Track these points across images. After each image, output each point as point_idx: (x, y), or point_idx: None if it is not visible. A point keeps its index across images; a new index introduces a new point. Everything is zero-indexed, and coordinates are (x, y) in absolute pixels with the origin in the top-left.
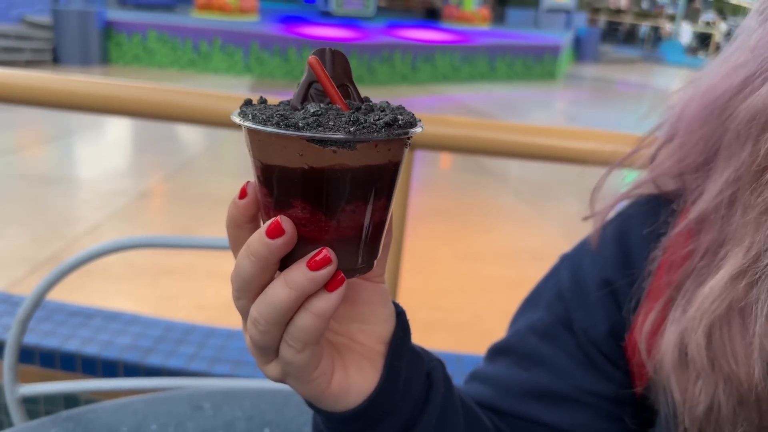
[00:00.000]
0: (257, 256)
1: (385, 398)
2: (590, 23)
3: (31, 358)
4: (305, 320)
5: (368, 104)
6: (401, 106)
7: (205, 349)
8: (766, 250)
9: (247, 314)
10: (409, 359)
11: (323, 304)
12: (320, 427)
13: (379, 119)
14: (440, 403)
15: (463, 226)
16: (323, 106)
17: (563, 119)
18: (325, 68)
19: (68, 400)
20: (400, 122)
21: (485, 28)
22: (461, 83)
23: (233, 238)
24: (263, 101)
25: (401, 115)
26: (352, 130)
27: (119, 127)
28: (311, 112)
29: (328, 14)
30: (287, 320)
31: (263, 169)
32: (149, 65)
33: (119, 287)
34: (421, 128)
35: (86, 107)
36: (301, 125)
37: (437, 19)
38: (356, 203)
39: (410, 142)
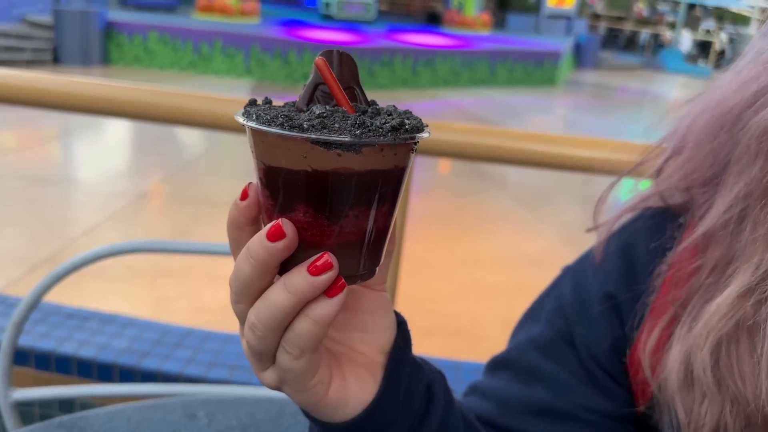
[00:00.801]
0: (257, 258)
1: (383, 409)
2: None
3: (26, 360)
4: (304, 326)
5: (375, 108)
6: (408, 110)
7: (201, 353)
8: None
9: (244, 318)
10: (409, 370)
11: (323, 310)
12: None
13: (385, 123)
14: (440, 415)
15: (461, 230)
16: (329, 108)
17: (563, 125)
18: (332, 70)
19: (63, 403)
20: (407, 126)
21: (486, 33)
22: (461, 88)
23: (234, 240)
24: (268, 102)
25: (408, 119)
26: (357, 133)
27: (119, 127)
28: (316, 113)
29: (329, 18)
30: (285, 326)
31: (266, 170)
32: (150, 66)
33: (116, 288)
34: (428, 134)
35: (86, 109)
36: (305, 127)
37: (438, 23)
38: (360, 208)
39: (417, 147)
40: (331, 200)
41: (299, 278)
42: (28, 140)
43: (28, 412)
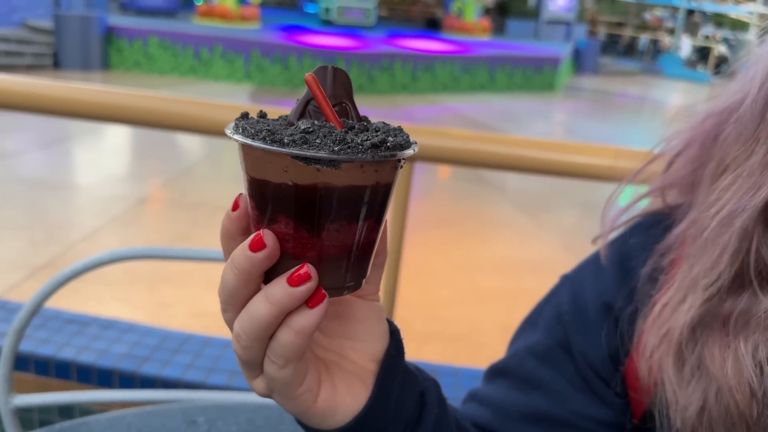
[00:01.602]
0: (240, 269)
1: (374, 417)
2: (590, 35)
3: (26, 366)
4: (286, 337)
5: (363, 124)
6: (399, 127)
7: (201, 358)
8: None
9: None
10: (401, 379)
11: (304, 320)
12: None
13: (366, 140)
14: (433, 423)
15: (461, 235)
16: (317, 123)
17: (562, 130)
18: (324, 86)
19: (63, 409)
20: (389, 144)
21: (485, 38)
22: (461, 93)
23: (227, 249)
24: (263, 115)
25: (393, 137)
26: (336, 149)
27: (119, 132)
28: (301, 128)
29: (328, 23)
30: (269, 336)
31: (251, 182)
32: (150, 71)
33: (115, 293)
34: (413, 151)
35: (86, 115)
36: (286, 141)
37: (438, 29)
38: (341, 222)
39: (403, 164)
40: (311, 214)
41: (279, 289)
42: (27, 144)
43: (27, 417)
